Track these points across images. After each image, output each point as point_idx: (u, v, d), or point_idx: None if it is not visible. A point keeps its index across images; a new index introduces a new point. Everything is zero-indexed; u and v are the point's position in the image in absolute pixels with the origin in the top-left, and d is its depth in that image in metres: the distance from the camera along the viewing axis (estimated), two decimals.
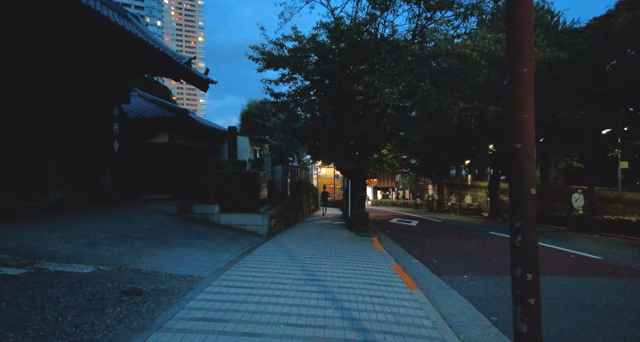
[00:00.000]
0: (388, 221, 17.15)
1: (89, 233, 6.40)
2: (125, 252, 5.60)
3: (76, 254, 5.09)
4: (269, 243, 8.37)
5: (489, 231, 13.10)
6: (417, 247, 9.05)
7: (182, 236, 7.56)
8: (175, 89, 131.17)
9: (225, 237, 8.38)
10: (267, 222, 9.96)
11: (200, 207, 10.03)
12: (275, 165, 14.93)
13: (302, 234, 10.43)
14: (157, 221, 8.65)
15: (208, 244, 7.25)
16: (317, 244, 8.48)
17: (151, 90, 21.65)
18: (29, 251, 4.97)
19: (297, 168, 19.89)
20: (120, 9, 10.29)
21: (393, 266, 6.43)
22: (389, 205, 40.55)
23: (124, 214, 8.65)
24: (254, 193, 10.12)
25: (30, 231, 5.98)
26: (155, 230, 7.66)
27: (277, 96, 10.13)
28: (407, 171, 33.23)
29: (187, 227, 8.69)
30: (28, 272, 4.18)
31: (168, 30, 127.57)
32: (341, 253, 7.42)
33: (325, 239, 9.53)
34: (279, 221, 11.46)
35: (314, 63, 9.44)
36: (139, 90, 14.88)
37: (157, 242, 6.63)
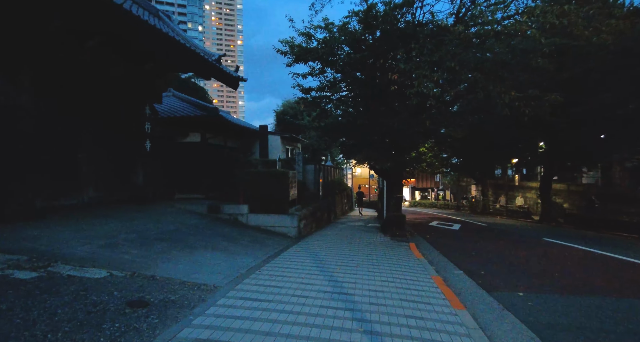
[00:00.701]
0: (427, 224, 16.11)
1: (113, 234, 6.25)
2: (143, 255, 5.33)
3: (93, 257, 4.88)
4: (296, 247, 7.88)
5: (543, 237, 11.74)
6: (460, 255, 8.14)
7: (207, 238, 7.27)
8: (216, 92, 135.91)
9: (251, 239, 8.01)
10: (296, 223, 9.50)
11: (229, 207, 9.77)
12: (307, 165, 14.48)
13: (333, 237, 9.86)
14: (184, 221, 8.47)
15: (232, 247, 6.89)
16: (348, 249, 7.86)
17: (188, 91, 22.10)
18: (49, 252, 4.82)
19: (331, 168, 19.34)
20: (152, 7, 10.30)
21: (433, 277, 5.66)
22: (427, 206, 38.84)
23: (152, 214, 8.57)
24: (282, 193, 9.70)
25: (57, 230, 5.92)
26: (181, 231, 7.44)
27: (307, 91, 9.63)
28: (448, 170, 31.53)
29: (214, 228, 8.43)
30: (39, 276, 3.97)
31: (209, 35, 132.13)
32: (374, 261, 6.75)
33: (357, 243, 8.88)
34: (309, 222, 10.97)
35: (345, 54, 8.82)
36: (174, 90, 15.07)
37: (179, 244, 6.35)
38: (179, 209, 9.70)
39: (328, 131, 10.45)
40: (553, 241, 10.78)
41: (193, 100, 14.13)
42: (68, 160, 8.25)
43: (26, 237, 5.32)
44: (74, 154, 8.41)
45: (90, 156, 8.86)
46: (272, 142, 15.00)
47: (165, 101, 13.96)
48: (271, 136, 14.99)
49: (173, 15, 11.10)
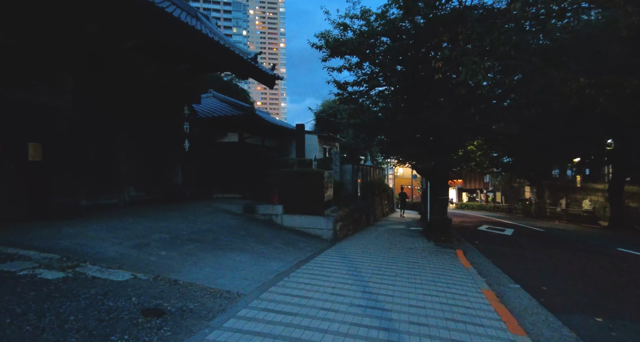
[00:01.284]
0: (476, 228, 14.92)
1: (145, 233, 6.23)
2: (171, 257, 5.19)
3: (121, 258, 4.80)
4: (331, 251, 7.44)
5: (617, 247, 10.25)
6: (516, 266, 7.23)
7: (239, 239, 7.06)
8: (259, 94, 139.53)
9: (284, 241, 7.70)
10: (331, 225, 9.06)
11: (264, 207, 9.58)
12: (345, 165, 14.01)
13: (371, 241, 9.28)
14: (218, 221, 8.38)
15: (263, 249, 6.60)
16: (387, 256, 7.27)
17: (230, 93, 22.53)
18: (81, 251, 4.82)
19: (370, 168, 18.68)
20: (190, 9, 10.42)
21: (484, 291, 4.94)
22: (476, 208, 36.55)
23: (188, 213, 8.58)
24: (317, 194, 9.31)
25: (94, 229, 5.99)
26: (213, 231, 7.32)
27: (343, 87, 9.14)
28: (499, 170, 29.33)
29: (248, 228, 8.25)
30: (65, 277, 3.90)
31: (253, 39, 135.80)
32: (415, 269, 6.11)
33: (397, 248, 8.25)
34: (345, 224, 10.49)
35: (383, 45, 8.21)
36: (214, 91, 15.31)
37: (210, 245, 6.18)
38: (215, 209, 9.68)
39: (365, 128, 9.87)
40: (631, 252, 9.34)
41: (232, 101, 14.24)
42: (109, 160, 8.50)
43: (64, 236, 5.41)
44: (114, 154, 8.66)
45: (130, 156, 9.09)
46: (309, 142, 14.71)
47: (205, 102, 14.20)
48: (308, 135, 14.70)
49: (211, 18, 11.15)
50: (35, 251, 4.61)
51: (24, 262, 4.20)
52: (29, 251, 4.62)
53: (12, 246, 4.72)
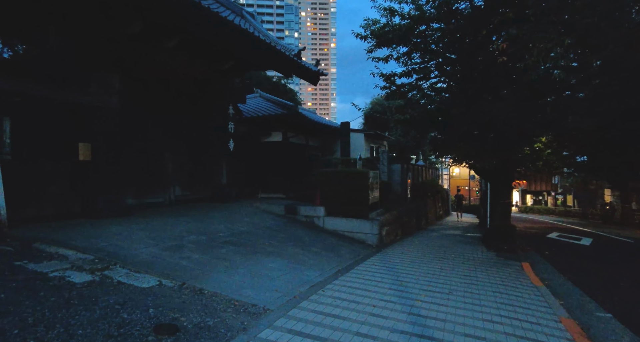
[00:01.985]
0: (544, 236, 13.18)
1: (182, 234, 6.12)
2: (203, 261, 4.95)
3: (153, 261, 4.65)
4: (375, 259, 6.79)
5: None
6: (601, 286, 6.00)
7: (277, 242, 6.72)
8: (310, 95, 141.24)
9: (325, 246, 7.22)
10: (376, 230, 8.39)
11: (306, 208, 9.19)
12: (393, 164, 13.18)
13: (421, 248, 8.44)
14: (259, 222, 8.15)
15: (301, 255, 6.17)
16: (439, 267, 6.44)
17: (278, 93, 22.64)
18: (115, 253, 4.76)
19: (422, 167, 17.54)
20: (236, 7, 10.39)
21: (564, 321, 4.01)
22: (542, 213, 33.02)
23: (230, 214, 8.46)
24: (361, 195, 8.70)
25: (133, 229, 6.01)
26: (252, 233, 7.06)
27: (389, 79, 8.37)
28: (570, 170, 26.13)
29: (288, 230, 7.90)
30: (91, 280, 3.78)
31: (304, 41, 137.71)
32: (473, 286, 5.27)
33: (451, 258, 7.35)
34: (393, 228, 9.73)
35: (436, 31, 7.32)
36: (260, 91, 15.33)
37: (245, 249, 5.89)
38: (257, 209, 9.51)
39: (415, 124, 8.99)
40: None
41: (277, 100, 14.11)
42: (155, 159, 8.67)
43: (105, 235, 5.44)
44: (160, 153, 8.82)
45: (176, 156, 9.23)
46: (354, 140, 14.08)
47: (252, 102, 14.25)
48: (353, 134, 14.07)
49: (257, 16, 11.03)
50: (73, 251, 4.62)
51: (59, 263, 4.18)
52: (68, 250, 4.64)
53: (55, 245, 4.79)
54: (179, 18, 6.63)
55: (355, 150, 14.28)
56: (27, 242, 4.83)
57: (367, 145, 15.35)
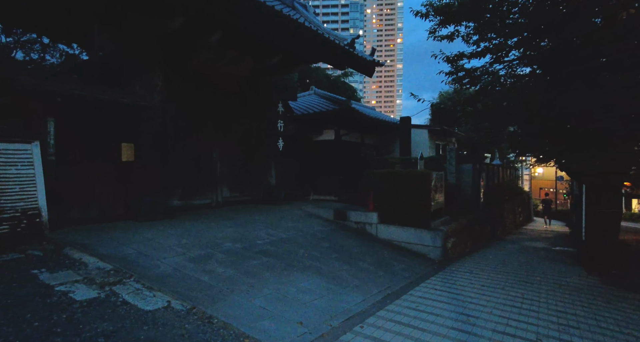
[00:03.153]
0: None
1: (217, 241, 5.65)
2: (227, 277, 4.35)
3: (172, 274, 4.18)
4: (436, 279, 5.61)
5: None
6: None
7: (318, 254, 5.92)
8: (374, 93, 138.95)
9: (375, 260, 6.22)
10: (439, 242, 7.14)
11: (356, 213, 8.27)
12: (463, 164, 11.52)
13: (497, 266, 6.95)
14: (304, 228, 7.45)
15: (344, 272, 5.29)
16: (520, 296, 5.04)
17: (337, 90, 21.93)
18: (136, 262, 4.41)
19: (497, 167, 15.34)
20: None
21: None
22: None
23: (275, 218, 7.90)
24: (421, 200, 7.49)
25: (167, 234, 5.70)
26: (293, 241, 6.37)
27: (455, 60, 6.95)
28: None
29: (334, 239, 7.07)
30: (95, 298, 3.38)
31: (369, 38, 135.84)
32: (573, 332, 3.87)
33: (536, 283, 5.82)
34: (461, 240, 8.31)
35: None
36: (316, 88, 14.71)
37: (280, 262, 5.20)
38: (305, 213, 8.84)
39: (489, 116, 7.43)
40: None
41: (331, 96, 13.35)
42: (202, 160, 8.47)
43: (134, 241, 5.18)
44: (207, 154, 8.60)
45: (223, 156, 8.97)
46: (416, 138, 12.71)
47: (306, 99, 13.70)
48: (415, 130, 12.71)
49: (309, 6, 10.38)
50: (96, 258, 4.36)
51: (74, 273, 3.89)
52: (92, 257, 4.39)
53: (82, 250, 4.59)
54: (225, 10, 6.20)
55: (418, 148, 12.89)
56: (60, 247, 4.71)
57: (432, 143, 13.80)
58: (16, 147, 4.97)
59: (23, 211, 4.96)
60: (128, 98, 6.32)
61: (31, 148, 5.13)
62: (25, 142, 5.07)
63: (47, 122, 5.42)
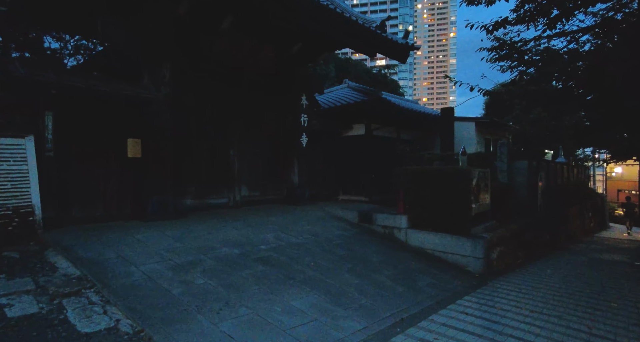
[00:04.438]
0: None
1: (214, 245, 5.09)
2: (203, 290, 3.72)
3: (140, 285, 3.65)
4: (470, 299, 4.50)
5: None
6: None
7: (327, 263, 5.10)
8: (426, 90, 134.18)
9: (399, 271, 5.24)
10: (481, 252, 5.93)
11: (383, 217, 7.29)
12: (517, 161, 9.94)
13: (555, 284, 5.56)
14: (321, 232, 6.66)
15: (352, 287, 4.41)
16: (586, 328, 3.77)
17: (378, 85, 20.85)
18: (109, 268, 3.97)
19: (561, 165, 13.24)
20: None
21: None
22: None
23: (291, 219, 7.21)
24: (459, 202, 6.32)
25: (163, 236, 5.26)
26: (302, 247, 5.62)
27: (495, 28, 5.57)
28: None
29: (353, 245, 6.19)
30: (32, 314, 2.97)
31: (420, 33, 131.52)
32: None
33: (612, 311, 4.44)
34: (510, 249, 6.95)
35: None
36: (349, 81, 13.80)
37: (276, 272, 4.47)
38: (327, 214, 8.03)
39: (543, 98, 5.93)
40: None
41: (365, 89, 12.37)
42: (218, 157, 8.03)
43: (121, 243, 4.77)
44: (224, 150, 8.15)
45: (242, 153, 8.47)
46: (461, 131, 11.26)
47: (339, 93, 12.88)
48: (460, 123, 11.25)
49: None
50: (69, 263, 3.98)
51: (31, 281, 3.50)
52: (66, 261, 4.02)
53: (62, 253, 4.26)
54: None
55: (463, 143, 11.43)
56: (45, 248, 4.43)
57: (480, 137, 12.20)
58: (8, 142, 4.78)
59: (15, 209, 4.75)
60: (131, 90, 6.01)
61: (24, 143, 4.93)
62: (17, 137, 4.87)
63: (44, 116, 5.23)
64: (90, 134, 5.87)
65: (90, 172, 5.92)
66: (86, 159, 5.85)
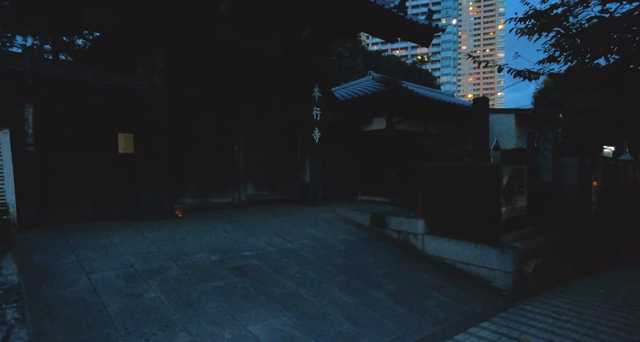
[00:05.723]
0: None
1: (191, 250, 4.55)
2: (145, 308, 3.15)
3: (75, 299, 3.17)
4: (489, 327, 3.53)
5: None
6: None
7: (318, 275, 4.36)
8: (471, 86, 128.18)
9: (403, 287, 4.37)
10: (511, 264, 4.87)
11: (397, 220, 6.38)
12: (566, 158, 8.52)
13: (610, 308, 4.35)
14: (322, 236, 5.93)
15: (336, 306, 3.63)
16: None
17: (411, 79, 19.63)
18: (56, 275, 3.55)
19: (625, 163, 11.33)
20: None
21: None
22: None
23: (294, 221, 6.54)
24: (485, 205, 5.28)
25: (140, 237, 4.82)
26: (294, 254, 4.93)
27: None
28: None
29: (356, 253, 5.39)
30: None
31: (465, 27, 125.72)
32: None
33: None
34: (552, 261, 5.74)
35: None
36: (374, 73, 12.84)
37: (251, 285, 3.81)
38: (337, 217, 7.26)
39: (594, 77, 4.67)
40: None
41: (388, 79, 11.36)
42: (222, 153, 7.57)
43: (91, 245, 4.37)
44: (229, 146, 7.67)
45: (248, 149, 7.95)
46: (499, 124, 9.92)
47: (362, 85, 11.99)
48: (497, 116, 9.91)
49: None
50: (15, 269, 3.64)
51: None
52: (14, 267, 3.69)
53: (19, 256, 3.92)
54: None
55: (502, 138, 10.09)
56: (6, 250, 4.13)
57: (522, 131, 10.69)
58: None
59: None
60: (117, 80, 5.66)
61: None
62: None
63: (24, 109, 5.00)
64: (78, 128, 5.59)
65: (78, 168, 5.65)
66: (73, 155, 5.58)
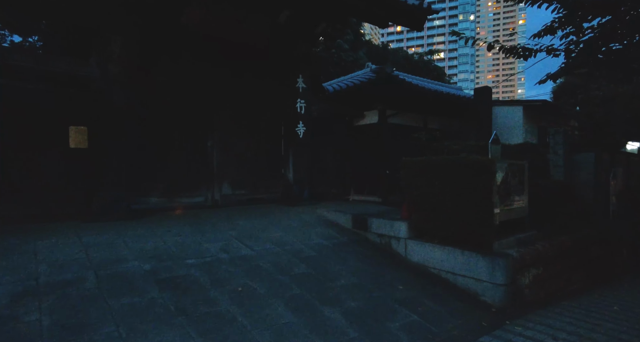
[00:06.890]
0: None
1: (125, 257, 3.98)
2: (15, 335, 2.57)
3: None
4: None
5: None
6: None
7: (265, 288, 3.70)
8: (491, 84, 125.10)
9: (370, 304, 3.65)
10: (502, 275, 4.08)
11: (379, 222, 5.66)
12: (579, 154, 7.57)
13: (625, 331, 3.51)
14: (293, 241, 5.27)
15: (267, 330, 2.97)
16: None
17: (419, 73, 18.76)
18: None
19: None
20: None
21: None
22: None
23: (264, 224, 5.89)
24: (473, 205, 4.50)
25: (73, 242, 4.29)
26: (248, 263, 4.29)
27: None
28: None
29: (325, 261, 4.70)
30: None
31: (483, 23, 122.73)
32: None
33: None
34: (555, 271, 4.90)
35: None
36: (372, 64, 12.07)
37: (171, 301, 3.20)
38: (317, 218, 6.57)
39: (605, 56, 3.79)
40: None
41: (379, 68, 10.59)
42: (194, 149, 7.01)
43: (13, 250, 3.85)
44: (201, 141, 7.11)
45: (224, 145, 7.37)
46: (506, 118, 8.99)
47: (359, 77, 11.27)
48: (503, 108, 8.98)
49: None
50: None
51: None
52: None
53: None
54: None
55: (509, 133, 9.18)
56: None
57: (532, 125, 9.69)
58: None
59: None
60: (61, 67, 5.16)
61: None
62: None
63: None
64: (23, 121, 5.14)
65: (26, 165, 5.19)
66: (19, 150, 5.14)
